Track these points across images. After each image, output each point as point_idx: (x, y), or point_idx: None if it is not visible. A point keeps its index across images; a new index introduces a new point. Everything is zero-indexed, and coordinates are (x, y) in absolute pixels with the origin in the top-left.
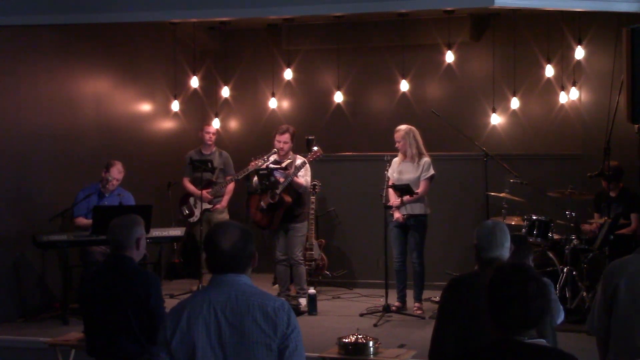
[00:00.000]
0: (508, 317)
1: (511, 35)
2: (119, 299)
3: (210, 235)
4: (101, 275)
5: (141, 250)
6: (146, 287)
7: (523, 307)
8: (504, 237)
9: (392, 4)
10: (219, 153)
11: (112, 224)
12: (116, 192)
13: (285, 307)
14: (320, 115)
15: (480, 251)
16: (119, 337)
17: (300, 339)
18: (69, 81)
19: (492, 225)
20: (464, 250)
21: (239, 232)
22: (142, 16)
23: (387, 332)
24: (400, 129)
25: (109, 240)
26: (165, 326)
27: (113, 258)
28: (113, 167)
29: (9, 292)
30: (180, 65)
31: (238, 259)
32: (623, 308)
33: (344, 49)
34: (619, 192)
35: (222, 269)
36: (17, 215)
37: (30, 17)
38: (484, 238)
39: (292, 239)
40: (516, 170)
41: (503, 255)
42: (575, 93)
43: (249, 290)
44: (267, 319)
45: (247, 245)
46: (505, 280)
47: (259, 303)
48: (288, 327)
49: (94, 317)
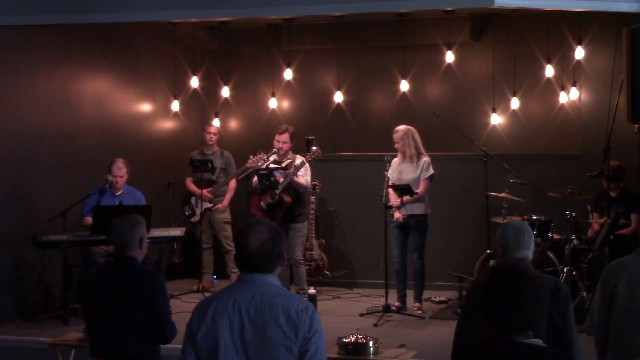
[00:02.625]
0: (504, 320)
1: (511, 35)
2: (126, 299)
3: (240, 233)
4: (105, 276)
5: (144, 249)
6: (152, 286)
7: (519, 310)
8: (530, 238)
9: (392, 4)
10: (221, 153)
11: (115, 224)
12: (126, 191)
13: (309, 310)
14: (320, 115)
15: (506, 251)
16: (125, 337)
17: (321, 343)
18: (69, 81)
19: (519, 226)
20: (464, 250)
21: (268, 231)
22: (142, 16)
23: (387, 332)
24: (399, 129)
25: (112, 241)
26: (191, 320)
27: (117, 258)
28: (113, 165)
29: (9, 292)
30: (180, 65)
31: (265, 258)
32: (622, 308)
33: (344, 49)
34: (619, 192)
35: (249, 267)
36: (17, 215)
37: (30, 17)
38: (511, 238)
39: (292, 239)
40: (516, 170)
41: (528, 256)
42: (575, 93)
43: (274, 291)
44: (289, 321)
45: (276, 245)
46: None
47: (282, 304)
48: (310, 331)
49: (98, 318)
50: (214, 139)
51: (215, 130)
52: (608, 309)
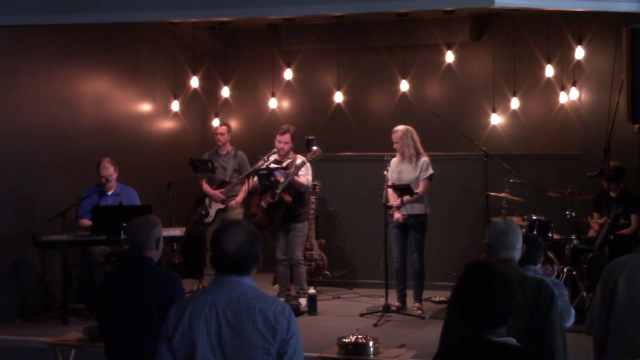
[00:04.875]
0: (474, 315)
1: (511, 35)
2: (144, 300)
3: (216, 235)
4: (122, 277)
5: (159, 250)
6: (171, 286)
7: (488, 305)
8: (516, 239)
9: (392, 4)
10: (235, 153)
11: (131, 225)
12: (117, 191)
13: (285, 312)
14: (320, 115)
15: (491, 251)
16: (142, 337)
17: (299, 344)
18: (69, 81)
19: (504, 226)
20: (464, 250)
21: (245, 233)
22: (142, 16)
23: (387, 332)
24: (398, 129)
25: (128, 241)
26: (167, 321)
27: (132, 259)
28: (99, 167)
29: (9, 292)
30: (180, 65)
31: (242, 260)
32: (621, 306)
33: (344, 49)
34: (619, 193)
35: (226, 269)
36: (17, 215)
37: (30, 17)
38: (495, 238)
39: (292, 239)
40: (516, 170)
41: (514, 256)
42: (575, 93)
43: (251, 293)
44: (266, 324)
45: (253, 247)
46: (472, 279)
47: (259, 307)
48: (287, 333)
49: (116, 320)
50: (221, 139)
51: (223, 131)
52: (608, 307)
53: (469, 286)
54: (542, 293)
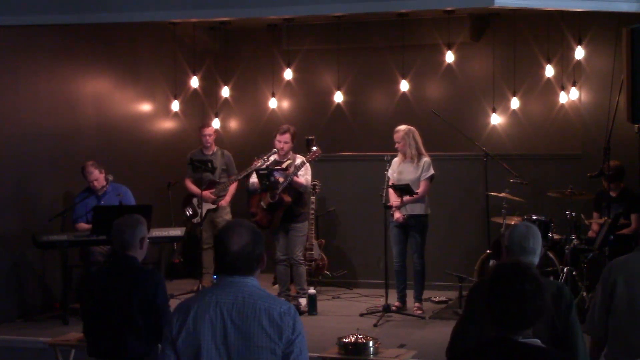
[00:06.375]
0: (505, 316)
1: (511, 35)
2: (125, 299)
3: (220, 236)
4: (105, 276)
5: (144, 250)
6: (153, 286)
7: (520, 306)
8: (537, 243)
9: (392, 4)
10: (221, 153)
11: (116, 224)
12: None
13: (291, 312)
14: (320, 115)
15: (511, 255)
16: (125, 337)
17: (304, 345)
18: (69, 81)
19: (525, 230)
20: (464, 251)
21: (248, 233)
22: (142, 16)
23: (387, 332)
24: (400, 129)
25: (113, 240)
26: (171, 323)
27: (117, 258)
28: (84, 171)
29: (9, 292)
30: (180, 65)
31: (246, 261)
32: (621, 306)
33: (344, 49)
34: (619, 192)
35: (230, 270)
36: (17, 215)
37: (30, 17)
38: (516, 242)
39: (292, 239)
40: (516, 170)
41: (534, 261)
42: (575, 93)
43: (257, 293)
44: (272, 324)
45: (256, 248)
46: (503, 279)
47: (265, 307)
48: (293, 333)
49: (98, 318)
50: (210, 140)
51: (212, 132)
52: (608, 307)
53: (500, 287)
54: (562, 298)
